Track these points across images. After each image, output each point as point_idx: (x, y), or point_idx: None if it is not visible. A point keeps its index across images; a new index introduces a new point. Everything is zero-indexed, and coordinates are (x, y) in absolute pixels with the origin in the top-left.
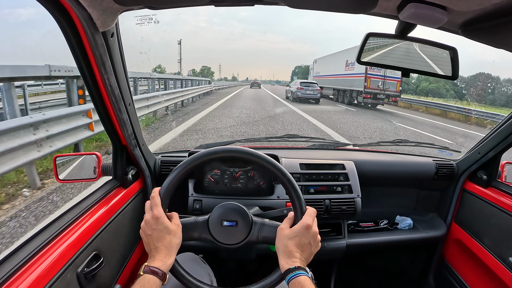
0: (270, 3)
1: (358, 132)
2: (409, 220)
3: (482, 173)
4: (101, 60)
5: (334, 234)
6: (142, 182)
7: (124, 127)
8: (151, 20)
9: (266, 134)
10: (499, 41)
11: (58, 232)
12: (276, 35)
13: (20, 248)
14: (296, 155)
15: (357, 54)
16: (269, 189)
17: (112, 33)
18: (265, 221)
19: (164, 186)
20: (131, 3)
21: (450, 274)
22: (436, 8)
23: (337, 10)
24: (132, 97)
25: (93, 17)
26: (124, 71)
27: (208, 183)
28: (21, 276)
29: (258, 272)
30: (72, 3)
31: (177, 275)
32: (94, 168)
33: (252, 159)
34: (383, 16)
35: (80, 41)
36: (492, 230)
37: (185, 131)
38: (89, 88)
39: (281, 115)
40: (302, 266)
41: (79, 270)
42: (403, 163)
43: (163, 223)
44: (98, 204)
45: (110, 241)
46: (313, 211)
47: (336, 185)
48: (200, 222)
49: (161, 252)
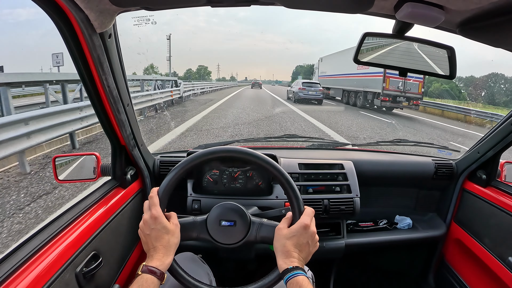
0: (266, 3)
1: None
2: (409, 220)
3: (482, 173)
4: (99, 61)
5: (333, 234)
6: (141, 182)
7: (123, 127)
8: (148, 21)
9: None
10: (497, 40)
11: (57, 232)
12: (274, 35)
13: (19, 248)
14: (295, 155)
15: (354, 54)
16: (268, 189)
17: (109, 34)
18: (263, 221)
19: (163, 186)
20: (128, 4)
21: (450, 274)
22: (433, 7)
23: (333, 10)
24: (130, 98)
25: (91, 18)
26: (122, 72)
27: (207, 183)
28: (20, 275)
29: (257, 272)
30: (69, 5)
31: (176, 274)
32: (94, 169)
33: (250, 159)
34: (380, 16)
35: (78, 43)
36: (491, 230)
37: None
38: (88, 89)
39: (279, 115)
40: (300, 266)
41: (78, 270)
42: (402, 162)
43: (162, 223)
44: (97, 204)
45: (109, 241)
46: (311, 211)
47: (335, 185)
48: (199, 222)
49: (159, 251)
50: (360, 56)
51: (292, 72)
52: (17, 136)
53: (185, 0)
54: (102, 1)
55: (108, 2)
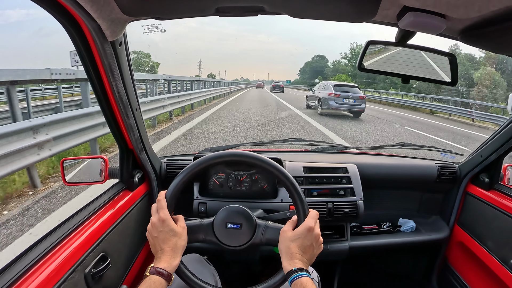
0: (273, 13)
1: None
2: (412, 223)
3: (485, 176)
4: (109, 68)
5: (337, 236)
6: (148, 185)
7: (131, 131)
8: (157, 29)
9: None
10: (498, 46)
11: (66, 234)
12: (268, 36)
13: (30, 249)
14: (300, 158)
15: (358, 61)
16: (273, 192)
17: (120, 42)
18: (268, 223)
19: (170, 189)
20: (139, 14)
21: (453, 277)
22: (435, 16)
23: (338, 19)
24: (139, 103)
25: (102, 27)
26: (131, 78)
27: (213, 186)
28: (30, 276)
29: (262, 273)
30: (82, 15)
31: (182, 276)
32: (101, 171)
33: (256, 163)
34: (383, 24)
35: (90, 50)
36: (494, 233)
37: None
38: (97, 94)
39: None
40: (304, 268)
41: (86, 271)
42: (405, 166)
43: (169, 226)
44: (105, 207)
45: (117, 242)
46: (316, 214)
47: (339, 188)
48: (205, 224)
49: (167, 253)
50: (363, 62)
51: (299, 70)
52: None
53: (194, 10)
54: (114, 11)
55: (119, 11)
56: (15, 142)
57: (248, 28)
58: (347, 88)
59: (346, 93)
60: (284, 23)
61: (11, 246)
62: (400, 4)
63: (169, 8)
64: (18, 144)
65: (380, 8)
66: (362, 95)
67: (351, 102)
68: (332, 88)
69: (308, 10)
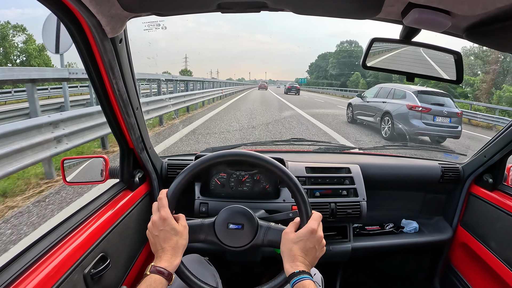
0: (276, 10)
1: None
2: (415, 224)
3: (488, 177)
4: (109, 66)
5: (340, 237)
6: (148, 185)
7: (132, 130)
8: (158, 26)
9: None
10: (504, 44)
11: (66, 234)
12: (265, 35)
13: (29, 249)
14: (302, 158)
15: (362, 59)
16: (275, 193)
17: (120, 39)
18: (270, 224)
19: (172, 188)
20: (140, 10)
21: (456, 278)
22: (440, 12)
23: (341, 16)
24: (139, 101)
25: (102, 23)
26: (132, 76)
27: (215, 186)
28: (29, 276)
29: (264, 275)
30: (82, 10)
31: (183, 276)
32: (101, 171)
33: (258, 163)
34: (388, 21)
35: (89, 47)
36: (498, 234)
37: None
38: (97, 93)
39: None
40: (306, 270)
41: (86, 271)
42: (408, 166)
43: (170, 224)
44: (105, 207)
45: (117, 243)
46: (319, 216)
47: (341, 188)
48: (207, 224)
49: (168, 252)
50: (367, 60)
51: (308, 70)
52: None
53: (195, 6)
54: (114, 7)
55: (119, 7)
56: (36, 136)
57: (244, 27)
58: (438, 98)
59: (439, 107)
60: (283, 21)
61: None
62: (405, 1)
63: (170, 3)
64: (38, 138)
65: (385, 5)
66: (459, 111)
67: (445, 122)
68: (416, 97)
69: (311, 7)
